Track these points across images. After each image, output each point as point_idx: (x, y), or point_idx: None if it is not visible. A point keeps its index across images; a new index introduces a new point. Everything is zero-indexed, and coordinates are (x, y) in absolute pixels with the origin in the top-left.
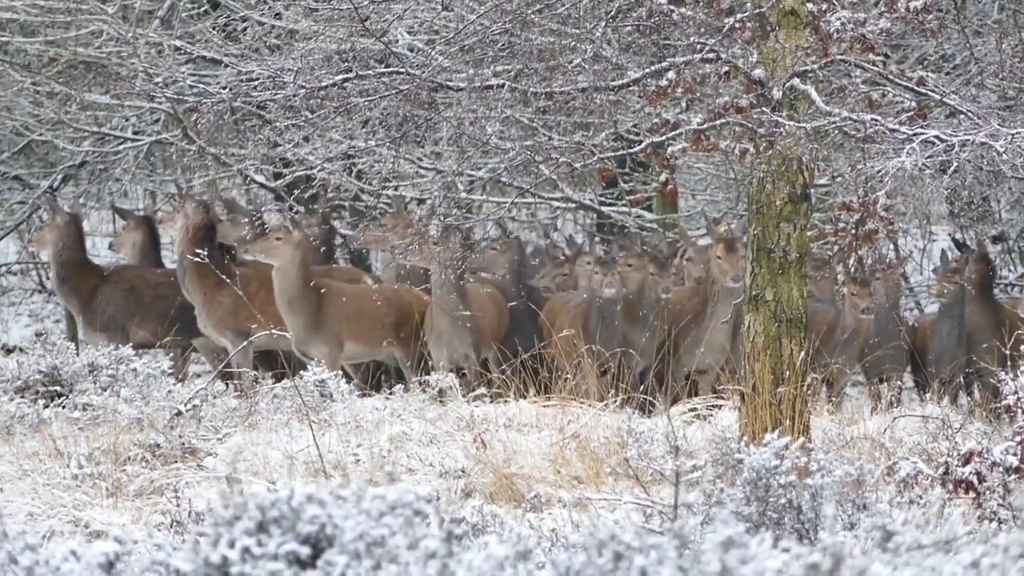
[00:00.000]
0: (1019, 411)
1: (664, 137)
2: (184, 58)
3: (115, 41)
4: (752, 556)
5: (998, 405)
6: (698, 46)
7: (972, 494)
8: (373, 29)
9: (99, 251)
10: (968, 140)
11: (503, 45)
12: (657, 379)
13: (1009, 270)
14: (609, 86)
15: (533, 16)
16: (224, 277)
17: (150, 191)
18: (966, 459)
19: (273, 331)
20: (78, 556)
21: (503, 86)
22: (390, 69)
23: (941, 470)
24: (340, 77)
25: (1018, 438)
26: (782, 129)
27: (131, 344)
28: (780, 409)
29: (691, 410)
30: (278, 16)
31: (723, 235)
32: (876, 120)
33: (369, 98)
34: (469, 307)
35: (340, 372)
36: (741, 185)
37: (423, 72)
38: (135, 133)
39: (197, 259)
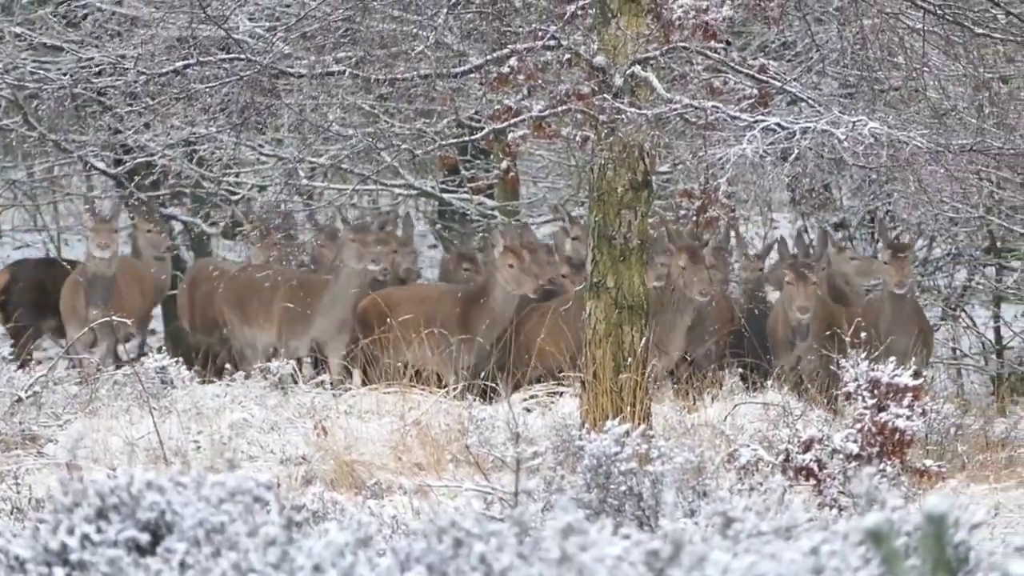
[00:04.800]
0: (859, 398)
1: (505, 124)
2: (24, 44)
3: None
4: (592, 543)
5: (838, 392)
6: (540, 33)
7: (812, 481)
8: (214, 16)
9: None
10: (809, 127)
11: (344, 32)
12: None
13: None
14: (450, 73)
15: (374, 3)
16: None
17: None
18: (807, 446)
19: (113, 318)
20: None
21: (344, 73)
22: (231, 56)
23: (782, 457)
24: (181, 64)
25: (858, 425)
26: (623, 116)
27: None
28: (621, 396)
29: (532, 397)
30: (119, 3)
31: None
32: (717, 107)
33: (210, 84)
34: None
35: (181, 359)
36: (582, 172)
37: (264, 59)
38: None
39: None
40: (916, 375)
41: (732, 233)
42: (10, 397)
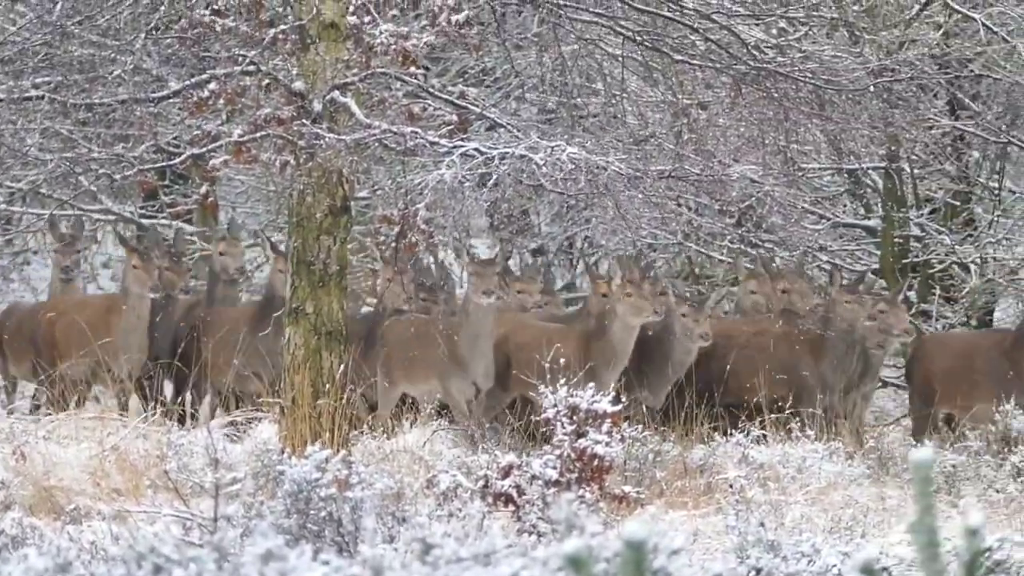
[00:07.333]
0: (558, 424)
1: (205, 149)
2: None
3: None
4: (291, 569)
5: (538, 419)
6: (239, 58)
7: (512, 507)
8: None
9: None
10: (508, 153)
11: (43, 56)
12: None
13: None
14: (149, 98)
15: (73, 28)
16: None
17: None
18: (505, 472)
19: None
20: None
21: (43, 97)
22: None
23: (481, 483)
24: None
25: (557, 451)
26: (322, 141)
27: None
28: (320, 422)
29: (231, 423)
30: None
31: None
32: (416, 133)
33: None
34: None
35: None
36: (282, 198)
37: None
38: None
39: None
40: (616, 400)
41: (433, 260)
42: None
